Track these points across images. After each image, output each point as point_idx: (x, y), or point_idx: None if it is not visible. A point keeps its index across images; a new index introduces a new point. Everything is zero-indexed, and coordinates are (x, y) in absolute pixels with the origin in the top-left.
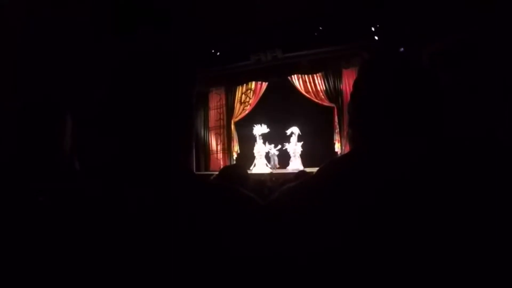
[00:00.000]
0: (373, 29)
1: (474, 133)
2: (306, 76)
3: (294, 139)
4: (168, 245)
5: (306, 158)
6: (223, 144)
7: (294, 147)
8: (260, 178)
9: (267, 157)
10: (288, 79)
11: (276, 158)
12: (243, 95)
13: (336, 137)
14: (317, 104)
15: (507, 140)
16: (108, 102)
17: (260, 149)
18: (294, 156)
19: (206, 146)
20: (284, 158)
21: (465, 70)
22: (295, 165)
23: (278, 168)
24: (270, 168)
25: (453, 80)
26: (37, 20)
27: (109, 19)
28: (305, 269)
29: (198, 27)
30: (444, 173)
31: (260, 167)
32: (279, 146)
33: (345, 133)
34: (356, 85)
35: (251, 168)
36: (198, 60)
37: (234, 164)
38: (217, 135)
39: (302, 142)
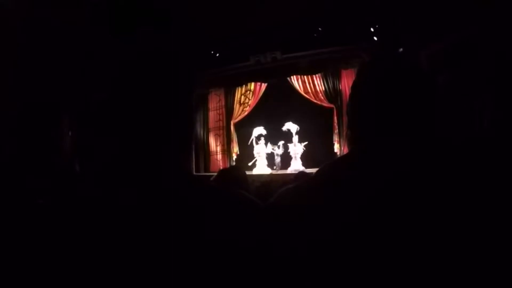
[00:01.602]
0: (372, 29)
1: (472, 133)
2: (305, 76)
3: (295, 139)
4: (168, 247)
5: (305, 158)
6: (223, 145)
7: (295, 148)
8: (260, 179)
9: (271, 157)
10: (287, 80)
11: (279, 159)
12: (243, 96)
13: (336, 138)
14: (316, 104)
15: (505, 139)
16: (108, 102)
17: (260, 150)
18: (295, 157)
19: (205, 147)
20: (285, 159)
21: (465, 70)
22: (296, 166)
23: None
24: (273, 169)
25: (453, 80)
26: (37, 21)
27: (109, 19)
28: (304, 269)
29: (198, 28)
30: (439, 173)
31: (260, 167)
32: (281, 142)
33: (344, 133)
34: (354, 87)
35: (250, 165)
36: (197, 61)
37: (232, 166)
38: (217, 136)
39: (304, 143)
